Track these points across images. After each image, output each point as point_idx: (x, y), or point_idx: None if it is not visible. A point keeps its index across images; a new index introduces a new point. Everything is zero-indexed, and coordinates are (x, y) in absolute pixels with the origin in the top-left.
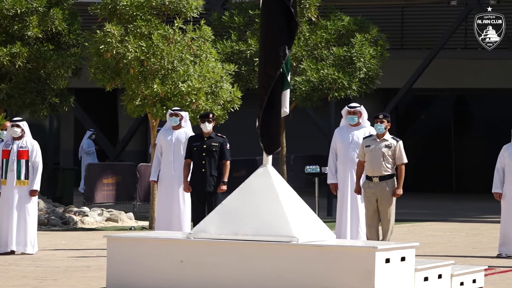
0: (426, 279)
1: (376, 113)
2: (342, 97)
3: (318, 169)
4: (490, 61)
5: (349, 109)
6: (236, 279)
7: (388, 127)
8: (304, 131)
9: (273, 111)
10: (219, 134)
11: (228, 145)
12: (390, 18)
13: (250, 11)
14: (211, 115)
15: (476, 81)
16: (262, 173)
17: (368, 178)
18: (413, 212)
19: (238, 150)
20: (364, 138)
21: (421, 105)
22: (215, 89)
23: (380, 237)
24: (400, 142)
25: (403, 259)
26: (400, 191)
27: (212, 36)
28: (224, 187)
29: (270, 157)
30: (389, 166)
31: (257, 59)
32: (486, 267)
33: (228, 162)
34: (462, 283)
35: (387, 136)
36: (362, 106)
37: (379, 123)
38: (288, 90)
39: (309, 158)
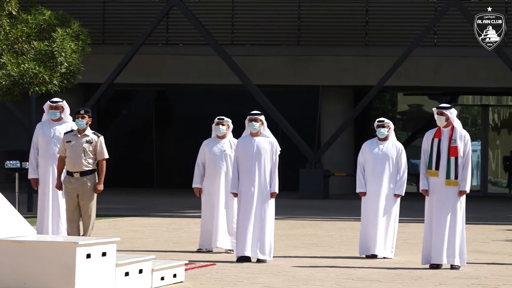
0: (127, 274)
1: (78, 108)
2: (44, 91)
3: (19, 164)
4: (191, 57)
5: (51, 104)
6: None
7: (90, 123)
8: (4, 126)
9: None
10: None
11: None
12: (92, 13)
13: None
14: None
15: (177, 76)
16: None
17: (69, 173)
18: (114, 207)
19: None
20: (65, 133)
21: (123, 100)
22: None
23: (81, 233)
24: (101, 138)
25: (104, 254)
26: (101, 187)
27: None
28: None
29: None
30: (90, 161)
31: None
32: (187, 261)
33: None
34: (162, 278)
35: (88, 131)
36: (64, 101)
37: (80, 119)
38: None
39: (10, 153)
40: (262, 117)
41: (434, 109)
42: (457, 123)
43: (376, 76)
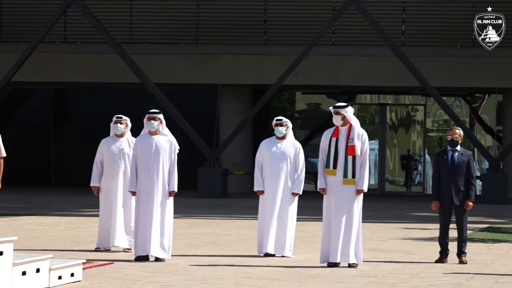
0: (24, 273)
1: None
2: None
3: None
4: (89, 55)
5: None
6: None
7: None
8: None
9: None
10: None
11: None
12: None
13: None
14: None
15: (75, 75)
16: None
17: None
18: (11, 206)
19: None
20: None
21: (20, 98)
22: None
23: None
24: None
25: (0, 253)
26: None
27: None
28: None
29: None
30: None
31: None
32: (84, 260)
33: None
34: (60, 277)
35: None
36: None
37: None
38: None
39: None
40: (161, 116)
41: (330, 108)
42: (355, 122)
43: (274, 74)
